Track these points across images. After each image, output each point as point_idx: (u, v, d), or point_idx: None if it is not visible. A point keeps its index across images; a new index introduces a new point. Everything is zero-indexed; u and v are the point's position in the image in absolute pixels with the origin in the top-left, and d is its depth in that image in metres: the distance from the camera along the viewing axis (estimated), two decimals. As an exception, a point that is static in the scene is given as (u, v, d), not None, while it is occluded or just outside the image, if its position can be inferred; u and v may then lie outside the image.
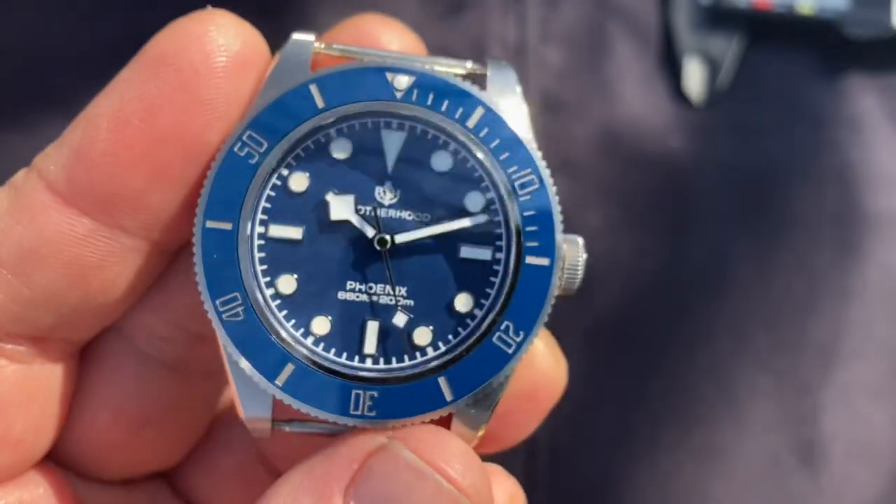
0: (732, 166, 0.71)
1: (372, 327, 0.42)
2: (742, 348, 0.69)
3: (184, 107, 0.40)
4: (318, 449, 0.41)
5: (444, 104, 0.43)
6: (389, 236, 0.42)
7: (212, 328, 0.41)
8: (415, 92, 0.42)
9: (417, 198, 0.43)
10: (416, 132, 0.43)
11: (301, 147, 0.43)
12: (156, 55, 0.40)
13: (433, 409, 0.41)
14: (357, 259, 0.43)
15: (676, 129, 0.72)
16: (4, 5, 0.69)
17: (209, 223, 0.41)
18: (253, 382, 0.41)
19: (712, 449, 0.68)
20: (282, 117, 0.42)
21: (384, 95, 0.42)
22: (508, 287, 0.42)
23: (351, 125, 0.43)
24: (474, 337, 0.42)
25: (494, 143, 0.43)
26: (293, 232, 0.43)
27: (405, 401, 0.41)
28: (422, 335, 0.43)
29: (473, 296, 0.43)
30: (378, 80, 0.42)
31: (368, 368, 0.42)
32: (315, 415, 0.41)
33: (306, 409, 0.41)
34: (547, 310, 0.42)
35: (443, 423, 0.42)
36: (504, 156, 0.43)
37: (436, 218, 0.43)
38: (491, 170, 0.43)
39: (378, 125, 0.43)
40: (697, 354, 0.69)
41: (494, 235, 0.43)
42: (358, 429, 0.41)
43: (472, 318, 0.43)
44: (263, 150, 0.42)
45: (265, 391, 0.41)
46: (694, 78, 0.72)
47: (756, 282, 0.70)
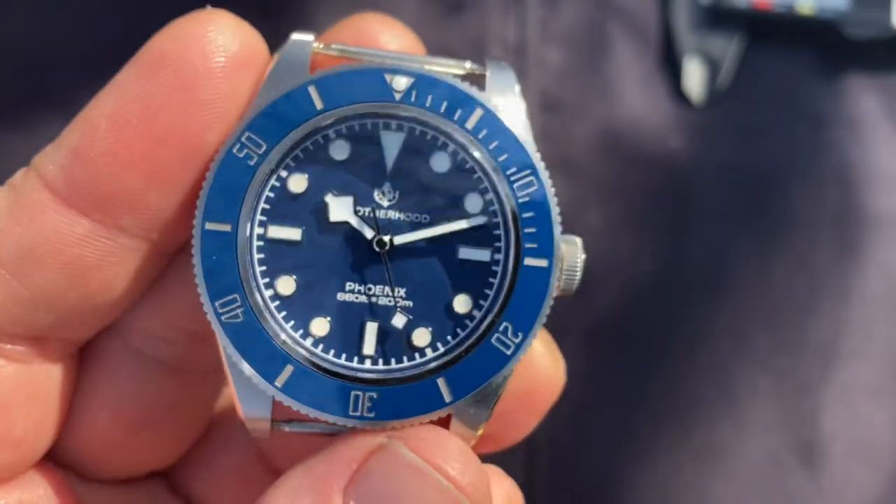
0: (732, 166, 0.71)
1: (371, 328, 0.42)
2: (742, 348, 0.69)
3: (183, 107, 0.40)
4: (318, 448, 0.41)
5: (443, 105, 0.42)
6: (388, 237, 0.42)
7: (210, 328, 0.41)
8: (414, 93, 0.42)
9: (416, 199, 0.43)
10: (415, 133, 0.43)
11: (300, 148, 0.43)
12: (155, 55, 0.40)
13: (432, 410, 0.41)
14: (356, 260, 0.43)
15: (676, 129, 0.71)
16: (4, 5, 0.69)
17: (208, 225, 0.41)
18: (252, 384, 0.41)
19: (712, 449, 0.68)
20: (281, 119, 0.42)
21: (383, 97, 0.42)
22: (507, 288, 0.42)
23: (350, 126, 0.43)
24: (473, 338, 0.42)
25: (493, 145, 0.43)
26: (292, 233, 0.43)
27: (404, 402, 0.41)
28: (421, 336, 0.42)
29: (472, 297, 0.43)
30: (377, 82, 0.42)
31: (367, 370, 0.42)
32: (314, 416, 0.41)
33: (306, 411, 0.41)
34: (545, 311, 0.42)
35: (442, 423, 0.42)
36: (503, 157, 0.42)
37: (434, 219, 0.43)
38: (490, 171, 0.43)
39: (377, 126, 0.43)
40: (697, 354, 0.69)
41: (493, 237, 0.43)
42: (357, 429, 0.41)
43: (471, 319, 0.43)
44: (262, 152, 0.42)
45: (265, 392, 0.41)
46: (694, 78, 0.72)
47: (756, 282, 0.70)
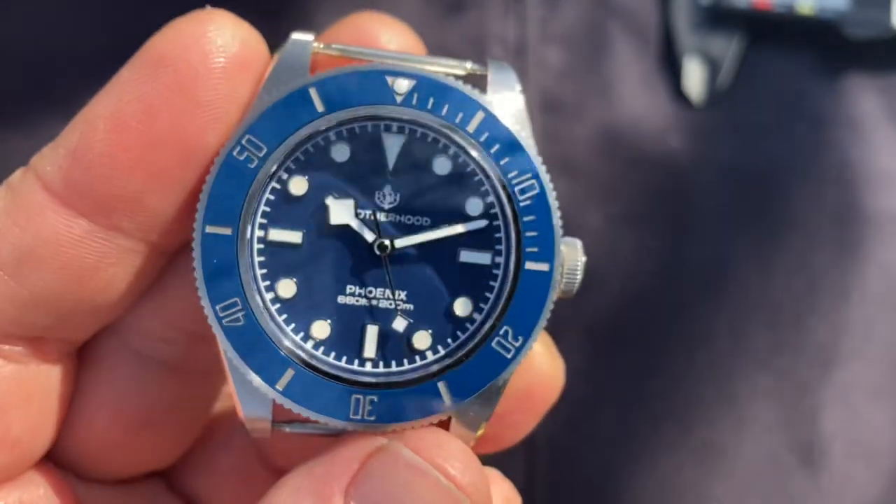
0: (732, 166, 0.71)
1: (371, 331, 0.42)
2: (742, 348, 0.69)
3: (182, 108, 0.40)
4: (319, 449, 0.41)
5: (445, 108, 0.42)
6: (389, 241, 0.42)
7: (210, 328, 0.41)
8: (415, 96, 0.42)
9: (417, 202, 0.43)
10: (416, 136, 0.43)
11: (300, 151, 0.42)
12: (154, 56, 0.40)
13: (432, 414, 0.41)
14: (356, 263, 0.42)
15: (676, 129, 0.71)
16: (4, 5, 0.68)
17: (209, 228, 0.41)
18: (253, 386, 0.41)
19: (712, 449, 0.68)
20: (281, 121, 0.42)
21: (384, 99, 0.42)
22: (508, 292, 0.42)
23: (351, 129, 0.43)
24: (474, 341, 0.42)
25: (495, 148, 0.42)
26: (293, 236, 0.42)
27: (405, 405, 0.41)
28: (421, 339, 0.42)
29: (473, 300, 0.43)
30: (378, 84, 0.42)
31: (368, 373, 0.42)
32: (315, 419, 0.41)
33: (307, 414, 0.41)
34: (546, 315, 0.42)
35: (441, 425, 0.42)
36: (504, 160, 0.42)
37: (435, 222, 0.43)
38: (491, 174, 0.42)
39: (378, 129, 0.43)
40: (697, 354, 0.69)
41: (494, 240, 0.43)
42: (358, 431, 0.41)
43: (472, 323, 0.43)
44: (263, 155, 0.42)
45: (265, 395, 0.41)
46: (694, 78, 0.72)
47: (756, 282, 0.70)
